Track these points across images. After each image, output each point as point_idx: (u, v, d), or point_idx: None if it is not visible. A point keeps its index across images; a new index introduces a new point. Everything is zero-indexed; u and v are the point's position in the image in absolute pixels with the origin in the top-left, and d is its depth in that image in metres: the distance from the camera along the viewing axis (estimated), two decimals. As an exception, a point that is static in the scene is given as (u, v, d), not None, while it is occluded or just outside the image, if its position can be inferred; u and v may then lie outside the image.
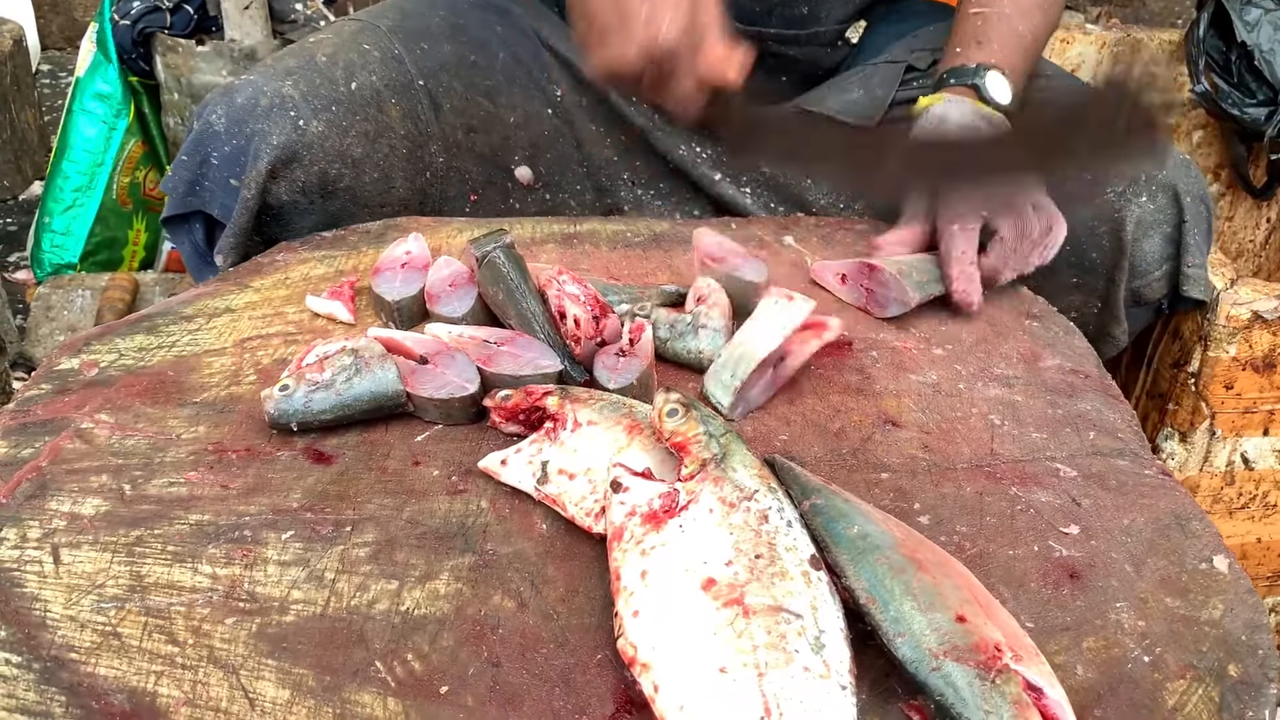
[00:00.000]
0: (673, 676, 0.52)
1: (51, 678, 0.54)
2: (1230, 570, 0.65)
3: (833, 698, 0.51)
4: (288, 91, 0.97)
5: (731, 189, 1.14)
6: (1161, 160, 1.02)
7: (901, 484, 0.70)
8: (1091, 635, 0.60)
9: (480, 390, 0.74)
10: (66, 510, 0.65)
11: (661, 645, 0.53)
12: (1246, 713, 0.56)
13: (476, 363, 0.75)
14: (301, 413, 0.72)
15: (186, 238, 1.02)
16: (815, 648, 0.53)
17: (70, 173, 1.94)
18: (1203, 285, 1.05)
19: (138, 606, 0.59)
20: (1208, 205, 1.04)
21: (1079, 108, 0.80)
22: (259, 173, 0.95)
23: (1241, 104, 1.74)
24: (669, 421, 0.64)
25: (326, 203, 0.99)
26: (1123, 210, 1.02)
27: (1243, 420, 1.13)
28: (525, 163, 1.12)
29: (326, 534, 0.64)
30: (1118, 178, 1.02)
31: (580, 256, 0.98)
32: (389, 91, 1.03)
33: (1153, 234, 1.03)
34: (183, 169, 0.98)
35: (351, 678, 0.55)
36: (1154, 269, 1.04)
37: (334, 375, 0.73)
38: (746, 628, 0.53)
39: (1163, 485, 0.72)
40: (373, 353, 0.74)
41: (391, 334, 0.79)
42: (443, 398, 0.73)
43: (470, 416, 0.74)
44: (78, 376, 0.78)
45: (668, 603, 0.55)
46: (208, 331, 0.84)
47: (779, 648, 0.52)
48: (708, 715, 0.50)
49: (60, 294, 1.83)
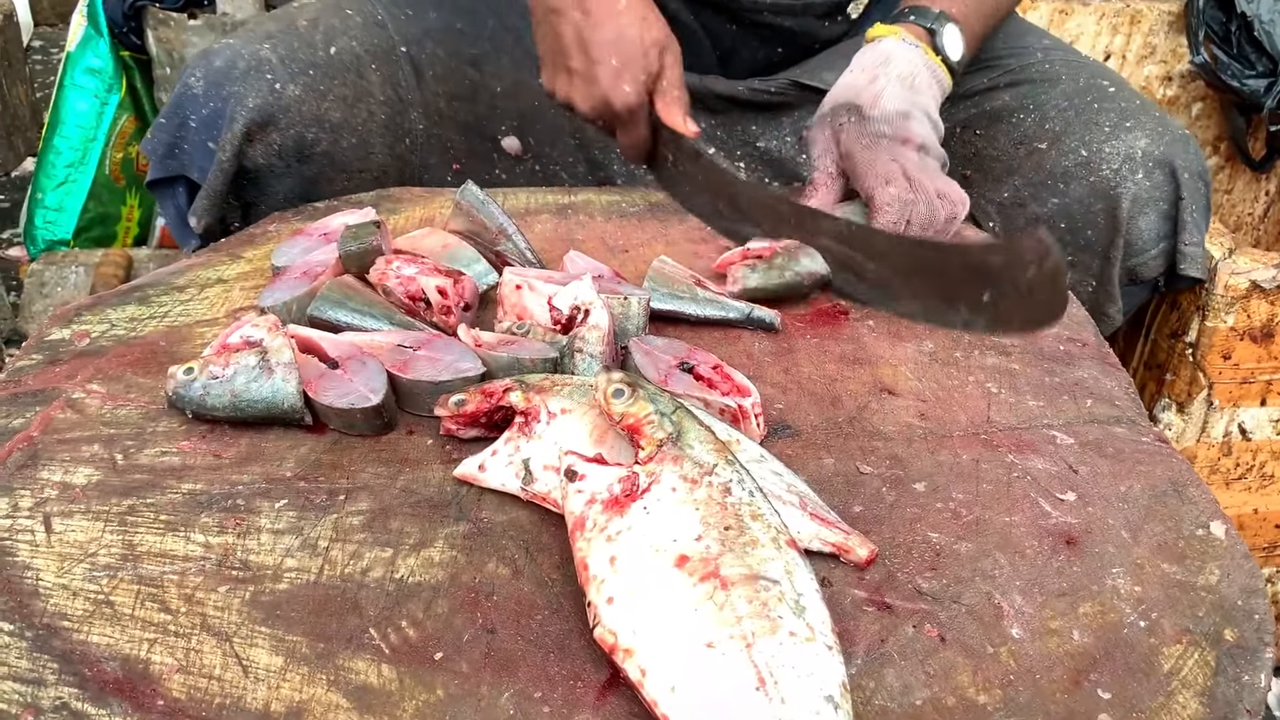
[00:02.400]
0: (659, 658, 0.52)
1: (44, 645, 0.54)
2: (1227, 536, 0.65)
3: (821, 659, 0.51)
4: (265, 55, 0.96)
5: (726, 161, 1.13)
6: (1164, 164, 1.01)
7: (897, 451, 0.70)
8: (1088, 601, 0.60)
9: (385, 401, 0.69)
10: (58, 480, 0.65)
11: (642, 628, 0.53)
12: (1242, 676, 0.56)
13: (391, 369, 0.71)
14: (197, 403, 0.69)
15: (171, 202, 1.02)
16: (797, 611, 0.52)
17: (63, 148, 1.93)
18: (1200, 263, 1.04)
19: (130, 575, 0.59)
20: (1206, 182, 1.02)
21: (989, 253, 0.77)
22: (234, 135, 0.94)
23: (1241, 75, 1.72)
24: (617, 403, 0.62)
25: (303, 167, 0.99)
26: (1118, 187, 1.00)
27: (1240, 390, 1.13)
28: (513, 133, 1.11)
29: (320, 502, 0.64)
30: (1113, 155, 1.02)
31: (575, 227, 0.97)
32: (369, 57, 1.02)
33: (1149, 211, 1.01)
34: (161, 131, 0.98)
35: (345, 645, 0.55)
36: (1150, 247, 1.03)
37: (235, 373, 0.69)
38: (727, 599, 0.53)
39: (1159, 452, 0.71)
40: (280, 359, 0.69)
41: (310, 333, 0.74)
42: (343, 407, 0.68)
43: (375, 428, 0.70)
44: (69, 347, 0.77)
45: (642, 585, 0.54)
46: (200, 302, 0.83)
47: (763, 615, 0.52)
48: (701, 692, 0.50)
49: (54, 270, 1.81)
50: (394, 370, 0.71)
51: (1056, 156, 1.04)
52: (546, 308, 0.77)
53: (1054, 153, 1.04)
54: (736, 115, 1.13)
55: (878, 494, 0.66)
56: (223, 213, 0.98)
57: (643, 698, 0.51)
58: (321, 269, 0.80)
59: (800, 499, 0.62)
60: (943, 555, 0.62)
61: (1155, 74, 1.78)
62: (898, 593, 0.59)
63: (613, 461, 0.61)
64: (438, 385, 0.70)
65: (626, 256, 0.93)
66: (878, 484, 0.67)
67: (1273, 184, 1.90)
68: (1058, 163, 1.04)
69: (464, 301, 0.78)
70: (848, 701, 0.50)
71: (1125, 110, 1.03)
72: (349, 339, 0.74)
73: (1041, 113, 1.07)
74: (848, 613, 0.58)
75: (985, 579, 0.61)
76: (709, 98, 1.12)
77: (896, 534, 0.63)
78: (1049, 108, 1.07)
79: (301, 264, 0.81)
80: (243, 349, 0.71)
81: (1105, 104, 1.04)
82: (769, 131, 1.13)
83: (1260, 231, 1.94)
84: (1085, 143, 1.03)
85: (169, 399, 0.70)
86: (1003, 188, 1.08)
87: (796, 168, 1.13)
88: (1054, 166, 1.04)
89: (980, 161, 1.10)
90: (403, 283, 0.78)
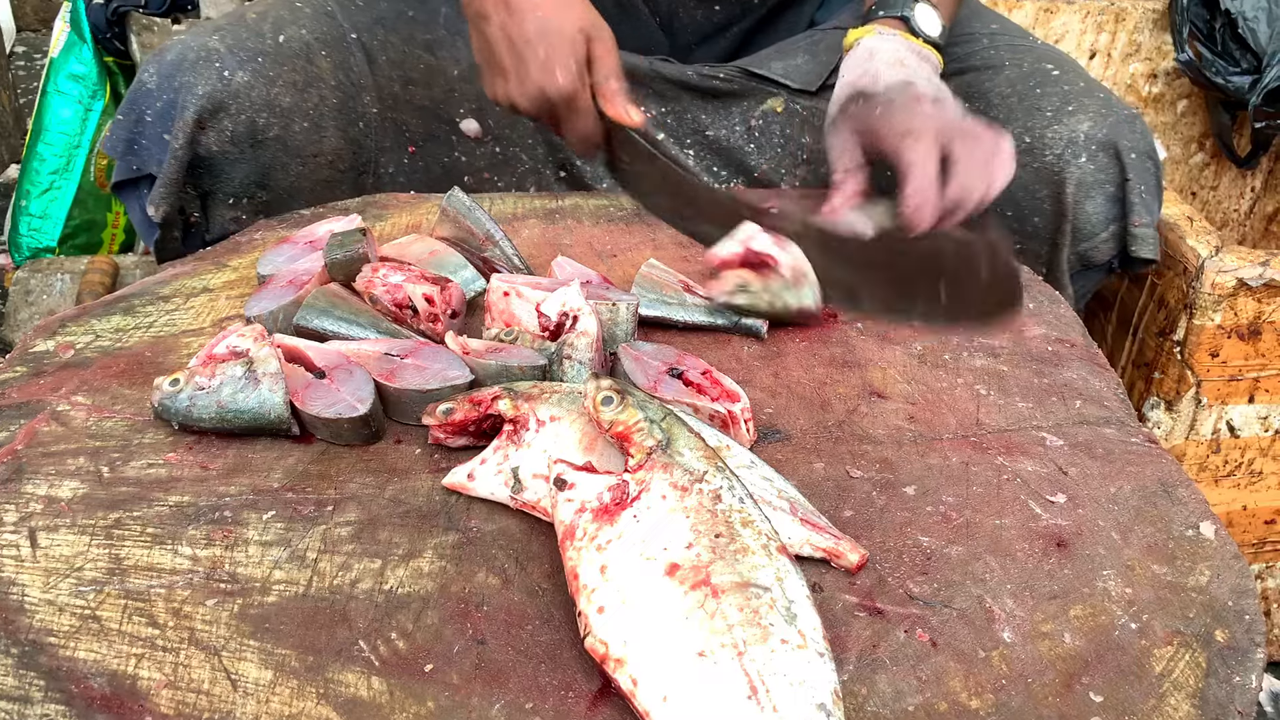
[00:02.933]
0: (650, 668, 0.51)
1: (30, 662, 0.54)
2: (1217, 536, 0.65)
3: (814, 666, 0.50)
4: (214, 45, 0.98)
5: (675, 149, 1.14)
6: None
7: (887, 455, 0.70)
8: (1079, 603, 0.60)
9: (372, 411, 0.69)
10: (43, 494, 0.64)
11: (633, 638, 0.52)
12: (1234, 677, 0.56)
13: (378, 378, 0.70)
14: (183, 414, 0.69)
15: (136, 203, 1.03)
16: (788, 619, 0.52)
17: (46, 155, 1.92)
18: (1152, 244, 1.02)
19: (117, 589, 0.58)
20: (1155, 160, 1.01)
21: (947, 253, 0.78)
22: (186, 123, 0.96)
23: (1225, 72, 1.73)
24: (606, 411, 0.62)
25: (257, 152, 1.00)
26: (1062, 172, 0.99)
27: (1228, 388, 1.13)
28: (472, 115, 1.12)
29: (308, 514, 0.64)
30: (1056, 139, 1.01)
31: (563, 232, 0.97)
32: (319, 44, 1.03)
33: (1095, 195, 1.00)
34: (120, 128, 0.99)
35: (335, 657, 0.55)
36: (1099, 230, 1.02)
37: (221, 383, 0.69)
38: (718, 608, 0.52)
39: (1149, 453, 0.72)
40: (266, 369, 0.69)
41: (295, 343, 0.73)
42: (330, 417, 0.68)
43: (363, 438, 0.69)
44: (53, 359, 0.77)
45: (633, 594, 0.54)
46: (185, 311, 0.83)
47: (754, 623, 0.52)
48: (693, 702, 0.50)
49: (39, 278, 1.80)
50: (381, 379, 0.70)
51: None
52: (534, 314, 0.76)
53: None
54: (686, 102, 1.13)
55: (868, 498, 0.66)
56: (180, 202, 0.99)
57: (634, 708, 0.51)
58: (307, 277, 0.79)
59: (791, 504, 0.62)
60: (933, 559, 0.62)
61: (1140, 71, 1.78)
62: (889, 597, 0.59)
63: (602, 469, 0.61)
64: (425, 394, 0.70)
65: (615, 261, 0.93)
66: (868, 488, 0.67)
67: (1258, 180, 1.91)
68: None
69: (451, 309, 0.78)
70: (840, 709, 0.50)
71: (1068, 94, 1.02)
72: (336, 348, 0.73)
73: (986, 100, 1.06)
74: (839, 618, 0.58)
75: (976, 582, 0.60)
76: (658, 82, 1.12)
77: (887, 538, 0.63)
78: (993, 95, 1.06)
79: (287, 272, 0.81)
80: (229, 359, 0.71)
81: (1048, 88, 1.03)
82: (718, 121, 1.13)
83: (1246, 228, 1.95)
84: (1028, 129, 1.02)
85: (155, 410, 0.70)
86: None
87: (745, 157, 1.14)
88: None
89: None
90: (389, 290, 0.77)
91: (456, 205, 0.87)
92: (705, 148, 1.14)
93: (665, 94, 1.12)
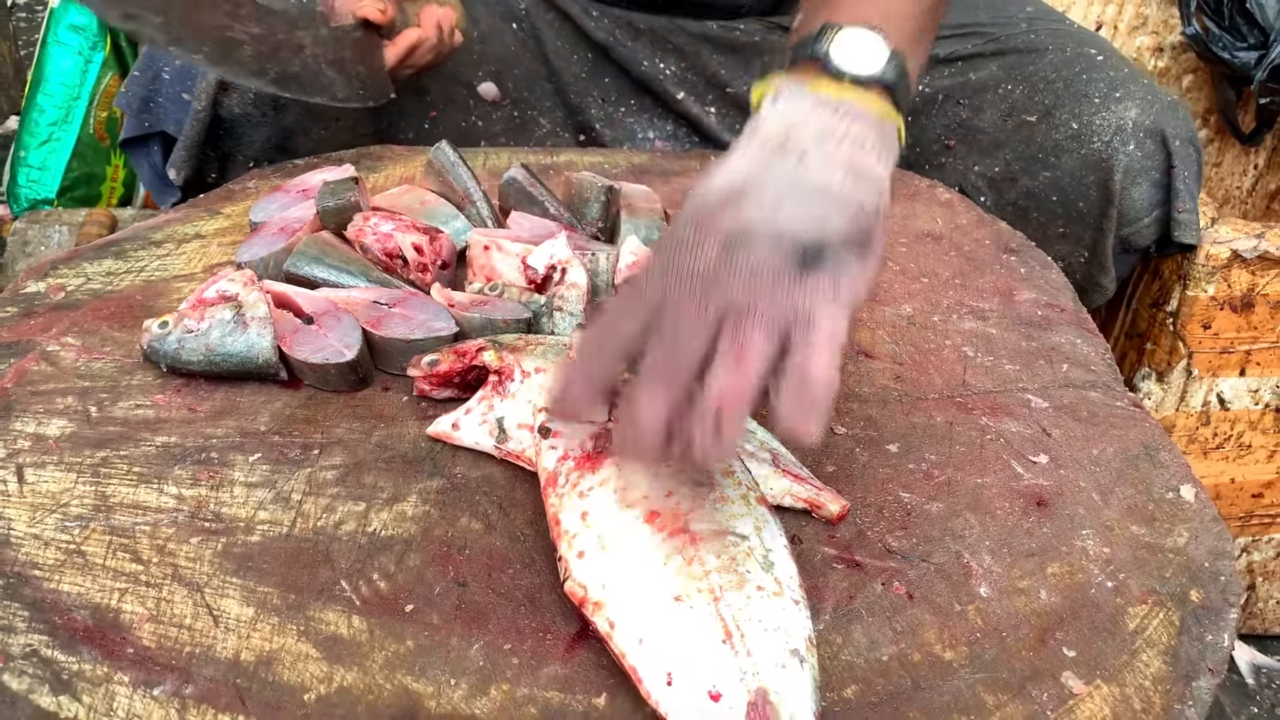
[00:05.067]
0: (628, 611, 0.52)
1: (14, 593, 0.54)
2: (1196, 499, 0.65)
3: (788, 613, 0.51)
4: None
5: (696, 107, 1.13)
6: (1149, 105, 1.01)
7: (872, 413, 0.70)
8: (1057, 561, 0.60)
9: (360, 357, 0.69)
10: (31, 431, 0.65)
11: (612, 582, 0.53)
12: (1206, 636, 0.56)
13: (365, 325, 0.71)
14: (172, 357, 0.69)
15: (145, 160, 1.02)
16: (765, 566, 0.53)
17: (46, 106, 1.91)
18: (1194, 230, 1.04)
19: (102, 526, 0.59)
20: (1197, 148, 1.03)
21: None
22: (209, 84, 0.96)
23: (1232, 48, 1.72)
24: None
25: (279, 115, 0.99)
26: (1110, 159, 1.01)
27: (1219, 360, 1.13)
28: (490, 79, 1.11)
29: (294, 457, 0.64)
30: (1104, 127, 1.01)
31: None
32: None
33: (1141, 181, 1.01)
34: (136, 85, 0.99)
35: (316, 596, 0.55)
36: (1143, 216, 1.03)
37: (210, 326, 0.69)
38: (696, 554, 0.53)
39: (1133, 417, 0.72)
40: (255, 313, 0.69)
41: (285, 289, 0.74)
42: (317, 362, 0.68)
43: (350, 384, 0.70)
44: (44, 300, 0.77)
45: (612, 540, 0.55)
46: (177, 257, 0.83)
47: (731, 570, 0.52)
48: (668, 644, 0.50)
49: (37, 229, 1.80)
50: (368, 327, 0.70)
51: (1047, 130, 1.04)
52: (516, 268, 0.76)
53: (1044, 126, 1.04)
54: (706, 56, 1.13)
55: (851, 454, 0.67)
56: (200, 164, 0.98)
57: (611, 650, 0.51)
58: (299, 225, 0.79)
59: (773, 455, 0.62)
60: (913, 515, 0.62)
61: (1146, 45, 1.77)
62: (867, 551, 0.60)
63: (585, 419, 0.61)
64: (410, 344, 0.70)
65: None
66: (851, 444, 0.68)
67: (1261, 157, 1.90)
68: (1049, 136, 1.04)
69: (441, 259, 0.78)
70: (814, 655, 0.50)
71: (1114, 80, 1.03)
72: (325, 295, 0.73)
73: (1030, 85, 1.07)
74: (817, 569, 0.58)
75: (955, 539, 0.61)
76: (678, 35, 1.12)
77: (868, 493, 0.64)
78: (1037, 79, 1.07)
79: (279, 220, 0.81)
80: (218, 303, 0.71)
81: (1094, 74, 1.04)
82: (738, 76, 1.13)
83: (1248, 205, 1.94)
84: (1075, 115, 1.03)
85: (144, 353, 0.70)
86: (993, 161, 1.08)
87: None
88: (1045, 140, 1.04)
89: (966, 132, 1.10)
90: (379, 239, 0.77)
91: (441, 159, 0.86)
92: (726, 103, 1.14)
93: (685, 48, 1.12)
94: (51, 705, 0.49)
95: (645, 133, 1.14)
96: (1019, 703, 0.52)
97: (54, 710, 0.49)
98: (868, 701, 0.52)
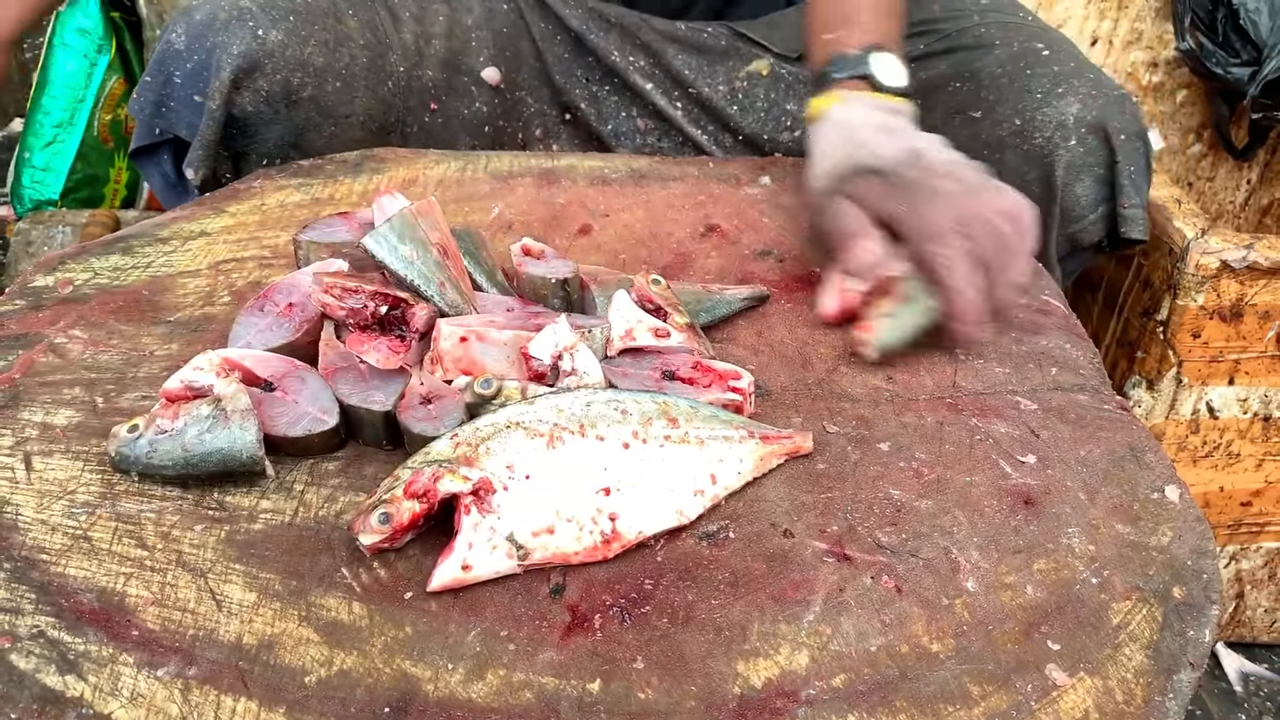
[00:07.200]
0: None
1: (22, 576, 0.55)
2: (1181, 500, 0.66)
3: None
4: (245, 4, 0.98)
5: (663, 100, 1.16)
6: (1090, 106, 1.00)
7: (864, 413, 0.72)
8: (1043, 558, 0.61)
9: (341, 419, 0.63)
10: (39, 420, 0.66)
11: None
12: (1188, 631, 0.57)
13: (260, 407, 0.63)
14: (143, 462, 0.61)
15: (156, 170, 1.03)
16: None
17: (50, 108, 1.93)
18: (1141, 225, 1.01)
19: (108, 512, 0.60)
20: (1145, 141, 1.00)
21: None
22: (222, 83, 0.96)
23: (1225, 63, 1.74)
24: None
25: (291, 113, 1.00)
26: (1052, 155, 0.99)
27: (1209, 369, 1.15)
28: (491, 62, 1.13)
29: (296, 448, 0.65)
30: (1045, 122, 1.00)
31: (556, 191, 0.98)
32: (346, 3, 1.05)
33: (1084, 177, 0.99)
34: (147, 89, 0.99)
35: (318, 583, 0.57)
36: (1088, 212, 1.01)
37: (186, 425, 0.61)
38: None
39: (1120, 419, 0.73)
40: (236, 405, 0.62)
41: (236, 354, 0.67)
42: (297, 435, 0.63)
43: (332, 447, 0.65)
44: (52, 293, 0.78)
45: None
46: (183, 253, 0.84)
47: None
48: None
49: (40, 230, 1.81)
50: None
51: (990, 126, 1.03)
52: (508, 359, 0.68)
53: (988, 122, 1.03)
54: (672, 55, 1.15)
55: (842, 452, 0.68)
56: (216, 163, 0.99)
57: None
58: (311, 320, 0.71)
59: (746, 430, 0.65)
60: (903, 511, 0.64)
61: (1141, 60, 1.79)
62: (857, 545, 0.61)
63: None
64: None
65: (606, 221, 0.94)
66: (843, 443, 0.69)
67: (1254, 172, 1.92)
68: (991, 132, 1.02)
69: (418, 331, 0.70)
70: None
71: (1058, 75, 1.02)
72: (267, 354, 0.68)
73: (976, 81, 1.06)
74: (808, 563, 0.59)
75: (944, 535, 0.62)
76: (646, 31, 1.14)
77: (859, 490, 0.65)
78: (983, 76, 1.05)
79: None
80: (190, 398, 0.65)
81: (1038, 69, 1.03)
82: (702, 77, 1.15)
83: (1241, 220, 1.96)
84: (1018, 110, 1.01)
85: (112, 462, 0.62)
86: None
87: (729, 117, 1.16)
88: (988, 136, 1.02)
89: None
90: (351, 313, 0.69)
91: (374, 251, 0.69)
92: (691, 101, 1.16)
93: (652, 44, 1.15)
94: (58, 684, 0.50)
95: (629, 110, 1.16)
96: (1004, 693, 0.53)
97: (60, 689, 0.50)
98: (855, 690, 0.53)
